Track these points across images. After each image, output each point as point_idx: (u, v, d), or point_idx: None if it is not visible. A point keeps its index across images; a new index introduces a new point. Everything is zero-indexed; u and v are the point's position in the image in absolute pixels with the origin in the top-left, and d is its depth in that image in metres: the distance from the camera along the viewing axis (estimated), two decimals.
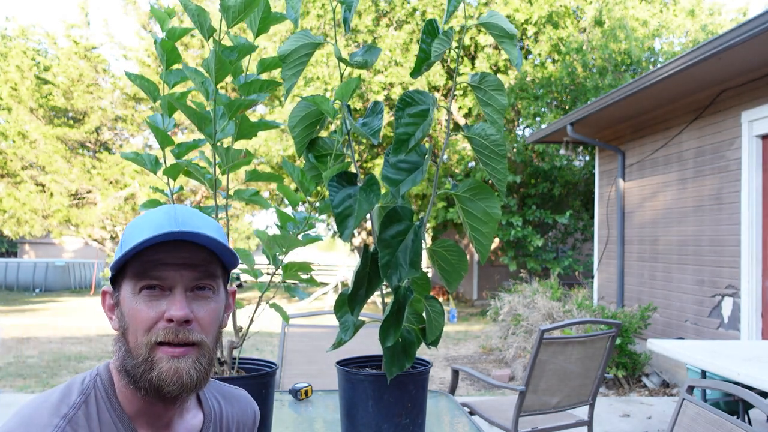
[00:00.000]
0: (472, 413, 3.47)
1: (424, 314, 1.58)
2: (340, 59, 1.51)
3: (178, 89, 1.72)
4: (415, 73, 1.41)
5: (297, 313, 3.19)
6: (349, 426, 1.56)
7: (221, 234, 1.01)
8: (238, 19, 1.52)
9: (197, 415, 1.07)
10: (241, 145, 1.74)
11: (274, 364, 1.67)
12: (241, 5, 1.49)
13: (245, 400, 1.19)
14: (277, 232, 1.67)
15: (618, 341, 6.03)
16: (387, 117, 12.70)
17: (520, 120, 13.15)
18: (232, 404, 1.14)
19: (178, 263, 0.95)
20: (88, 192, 18.97)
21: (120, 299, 0.97)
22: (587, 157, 12.48)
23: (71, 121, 19.34)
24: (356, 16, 12.75)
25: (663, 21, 12.99)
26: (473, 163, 12.86)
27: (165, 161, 1.69)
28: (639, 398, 5.77)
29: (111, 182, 18.61)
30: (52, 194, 18.46)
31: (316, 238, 1.70)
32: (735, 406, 3.78)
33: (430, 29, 1.42)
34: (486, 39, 12.94)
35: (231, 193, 1.70)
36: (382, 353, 1.50)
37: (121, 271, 0.97)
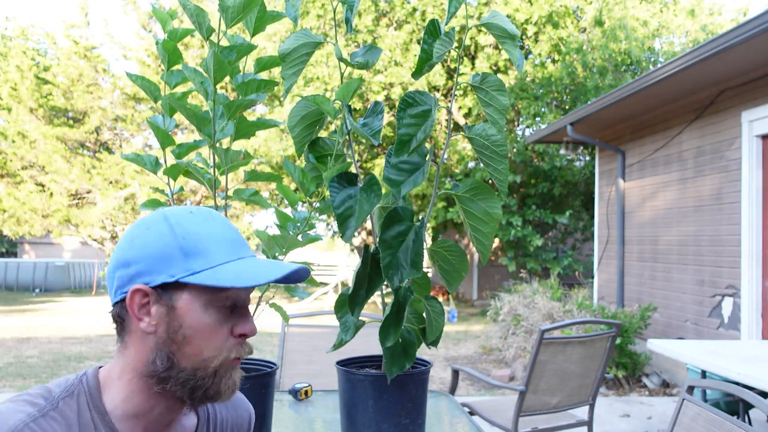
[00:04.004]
0: (472, 413, 3.47)
1: (424, 314, 1.58)
2: (341, 59, 1.51)
3: (179, 89, 1.72)
4: (417, 73, 1.41)
5: (297, 313, 3.19)
6: (349, 426, 1.56)
7: None
8: (237, 19, 1.52)
9: (191, 416, 1.06)
10: (240, 145, 1.74)
11: (274, 364, 1.67)
12: (240, 5, 1.49)
13: (239, 402, 1.17)
14: (277, 232, 1.67)
15: (618, 341, 6.03)
16: (387, 117, 12.69)
17: (520, 120, 13.16)
18: (226, 406, 1.13)
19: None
20: (88, 192, 18.96)
21: (177, 307, 0.93)
22: (587, 157, 12.48)
23: (71, 121, 19.34)
24: (356, 16, 12.75)
25: (663, 21, 12.99)
26: (473, 163, 12.86)
27: (165, 161, 1.68)
28: (639, 398, 5.77)
29: (111, 182, 18.60)
30: (52, 194, 18.46)
31: (316, 238, 1.70)
32: (735, 406, 3.78)
33: (432, 30, 1.41)
34: (486, 39, 12.94)
35: (230, 193, 1.70)
36: (383, 353, 1.50)
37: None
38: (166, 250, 0.92)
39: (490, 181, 10.73)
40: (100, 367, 0.99)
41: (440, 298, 15.00)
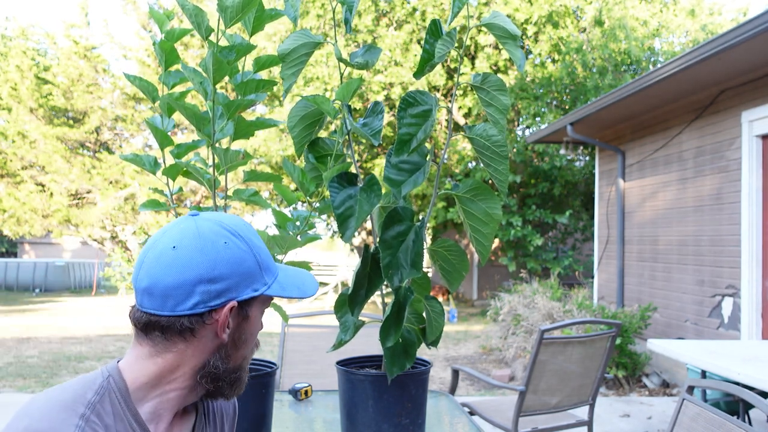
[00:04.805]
0: (472, 413, 3.47)
1: (424, 314, 1.58)
2: (341, 60, 1.51)
3: (178, 89, 1.72)
4: (419, 73, 1.41)
5: (297, 313, 3.19)
6: (349, 426, 1.56)
7: None
8: (236, 19, 1.51)
9: (191, 408, 1.12)
10: (239, 145, 1.74)
11: (274, 364, 1.67)
12: (239, 5, 1.49)
13: None
14: (277, 232, 1.67)
15: (618, 341, 6.03)
16: (387, 117, 12.69)
17: (520, 120, 13.15)
18: None
19: None
20: (88, 192, 18.95)
21: (250, 316, 1.03)
22: (587, 157, 12.48)
23: (71, 121, 19.32)
24: (356, 16, 12.75)
25: (663, 21, 12.99)
26: (473, 163, 12.86)
27: (164, 162, 1.68)
28: (639, 398, 5.77)
29: (111, 182, 18.58)
30: (52, 194, 18.45)
31: (315, 238, 1.70)
32: (735, 406, 3.78)
33: (434, 30, 1.41)
34: (486, 39, 12.93)
35: (230, 193, 1.70)
36: (383, 353, 1.50)
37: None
38: (250, 267, 1.00)
39: (490, 182, 10.72)
40: (118, 361, 1.02)
41: (440, 298, 15.00)
